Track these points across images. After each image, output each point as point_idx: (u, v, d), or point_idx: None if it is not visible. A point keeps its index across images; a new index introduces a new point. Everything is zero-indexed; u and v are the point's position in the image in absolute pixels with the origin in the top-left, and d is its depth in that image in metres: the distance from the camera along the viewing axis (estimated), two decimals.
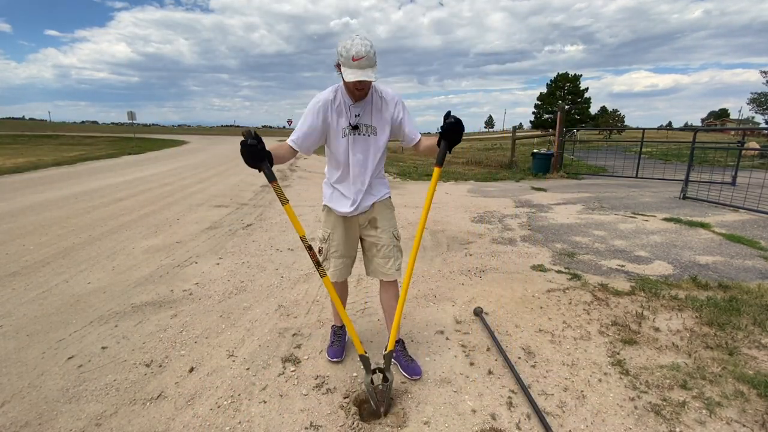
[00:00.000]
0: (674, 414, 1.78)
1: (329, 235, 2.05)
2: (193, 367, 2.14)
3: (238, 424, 1.73)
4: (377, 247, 2.04)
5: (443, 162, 1.78)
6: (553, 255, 4.05)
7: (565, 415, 1.78)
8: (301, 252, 4.10)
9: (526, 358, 2.23)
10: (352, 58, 1.59)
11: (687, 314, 2.71)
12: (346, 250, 2.06)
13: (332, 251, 2.05)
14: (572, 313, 2.76)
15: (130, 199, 6.79)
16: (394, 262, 2.05)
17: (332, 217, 2.03)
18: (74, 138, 30.92)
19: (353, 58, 1.59)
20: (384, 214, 2.03)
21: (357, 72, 1.61)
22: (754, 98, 45.20)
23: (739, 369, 2.08)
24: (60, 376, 2.05)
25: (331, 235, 2.04)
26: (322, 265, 2.00)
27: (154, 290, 3.12)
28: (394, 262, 2.05)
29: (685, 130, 23.90)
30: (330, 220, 2.04)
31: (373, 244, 2.06)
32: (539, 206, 6.55)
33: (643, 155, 11.56)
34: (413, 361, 2.13)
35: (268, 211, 6.07)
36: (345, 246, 2.05)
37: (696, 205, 6.63)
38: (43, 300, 2.93)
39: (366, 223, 2.04)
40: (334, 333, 2.32)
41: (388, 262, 2.04)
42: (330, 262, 2.06)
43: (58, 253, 3.94)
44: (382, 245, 2.03)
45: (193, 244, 4.30)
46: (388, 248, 2.03)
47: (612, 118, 56.80)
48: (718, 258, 3.95)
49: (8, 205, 6.12)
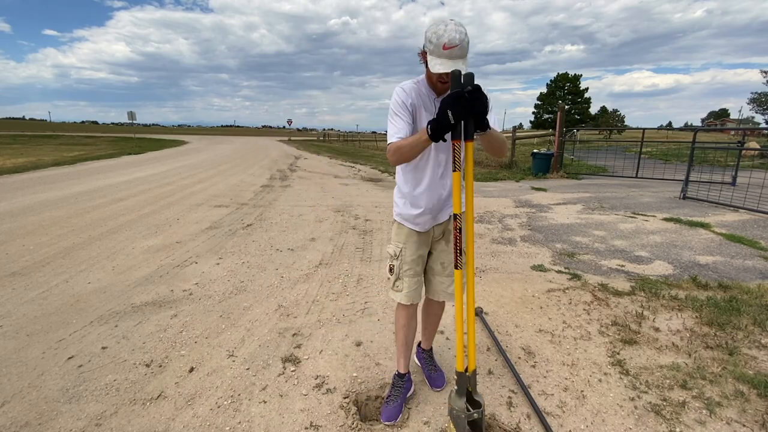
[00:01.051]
0: (674, 414, 1.78)
1: (401, 251, 1.77)
2: (193, 367, 2.14)
3: (238, 424, 1.73)
4: (443, 265, 1.82)
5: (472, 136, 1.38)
6: (553, 255, 4.05)
7: (565, 415, 1.78)
8: (301, 252, 4.10)
9: (526, 358, 2.23)
10: (443, 46, 1.37)
11: (687, 314, 2.71)
12: (420, 267, 1.81)
13: (405, 269, 1.77)
14: (572, 313, 2.76)
15: (130, 199, 6.79)
16: (452, 282, 1.82)
17: (405, 230, 1.77)
18: (74, 138, 30.91)
19: (444, 46, 1.37)
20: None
21: (447, 63, 1.38)
22: (754, 98, 45.22)
23: (739, 369, 2.08)
24: (60, 376, 2.05)
25: (403, 250, 1.77)
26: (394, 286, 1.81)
27: (154, 290, 3.12)
28: (452, 282, 1.82)
29: (685, 130, 23.90)
30: (402, 233, 1.78)
31: (438, 260, 1.83)
32: (539, 206, 6.55)
33: (643, 155, 11.56)
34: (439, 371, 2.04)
35: (268, 211, 6.07)
36: (419, 262, 1.79)
37: (696, 205, 6.63)
38: (43, 300, 2.93)
39: (440, 236, 1.80)
40: (394, 385, 1.89)
41: (451, 285, 1.82)
42: (403, 282, 1.78)
43: (58, 253, 3.94)
44: (450, 262, 1.80)
45: (193, 244, 4.30)
46: (452, 266, 1.79)
47: (612, 117, 56.82)
48: (718, 258, 3.95)
49: (8, 205, 6.12)
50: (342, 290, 3.16)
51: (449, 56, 1.38)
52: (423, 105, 1.59)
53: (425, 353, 2.10)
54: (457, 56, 1.39)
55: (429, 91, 1.60)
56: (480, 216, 5.79)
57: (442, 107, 1.29)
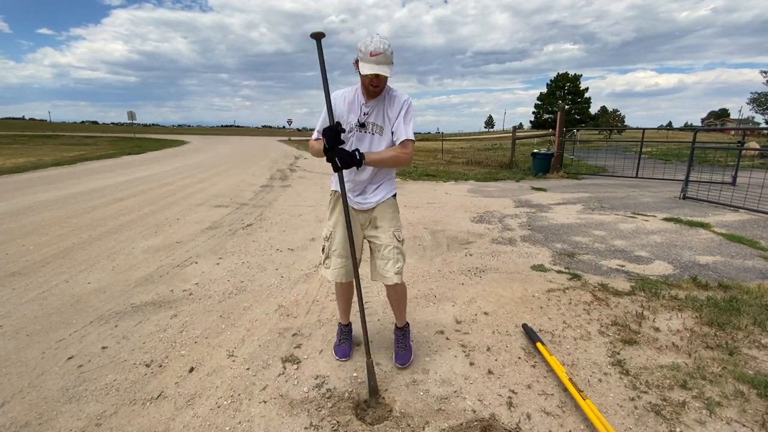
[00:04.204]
0: (674, 414, 1.78)
1: (331, 234, 2.06)
2: (193, 367, 2.14)
3: (238, 424, 1.73)
4: (377, 248, 2.03)
5: None
6: (553, 255, 4.05)
7: (565, 415, 1.78)
8: (301, 252, 4.10)
9: (526, 358, 2.23)
10: (370, 53, 1.68)
11: (687, 314, 2.71)
12: (346, 250, 2.03)
13: (332, 249, 2.05)
14: (572, 313, 2.76)
15: (130, 199, 6.79)
16: (394, 265, 1.99)
17: (335, 215, 2.05)
18: (74, 138, 30.89)
19: (371, 53, 1.68)
20: (385, 213, 2.02)
21: (374, 66, 1.69)
22: (754, 98, 45.20)
23: (739, 369, 2.08)
24: (60, 376, 2.05)
25: (333, 233, 2.05)
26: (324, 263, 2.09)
27: (154, 290, 3.12)
28: (393, 264, 1.99)
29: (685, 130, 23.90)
30: (333, 217, 2.06)
31: (373, 245, 2.06)
32: (539, 206, 6.55)
33: (643, 155, 11.56)
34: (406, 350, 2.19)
35: (268, 211, 6.07)
36: (345, 245, 2.02)
37: (696, 205, 6.63)
38: (43, 300, 2.93)
39: (367, 223, 2.05)
40: (341, 331, 2.30)
41: (387, 264, 2.00)
42: (330, 261, 2.06)
43: (58, 253, 3.94)
44: (381, 245, 2.00)
45: (193, 244, 4.30)
46: (387, 249, 1.99)
47: (612, 117, 56.83)
48: (718, 258, 3.95)
49: (8, 205, 6.12)
50: None
51: (376, 62, 1.69)
52: (349, 107, 1.89)
53: (398, 331, 2.25)
54: (382, 62, 1.70)
55: (360, 96, 1.89)
56: (480, 216, 5.79)
57: (333, 155, 1.70)
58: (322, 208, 6.24)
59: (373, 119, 1.89)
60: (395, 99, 1.90)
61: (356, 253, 1.96)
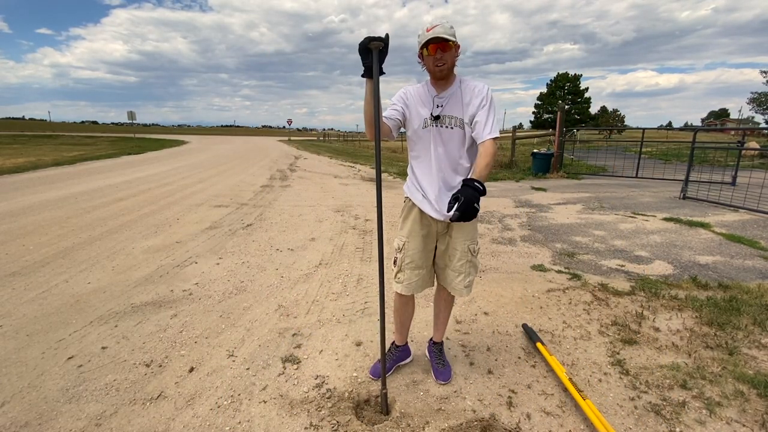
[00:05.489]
0: (674, 414, 1.78)
1: (404, 244, 1.89)
2: (193, 367, 2.14)
3: (238, 424, 1.73)
4: (449, 257, 1.88)
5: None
6: (553, 255, 4.05)
7: (565, 415, 1.78)
8: (301, 252, 4.10)
9: (526, 358, 2.23)
10: (427, 29, 1.65)
11: (687, 314, 2.71)
12: (423, 261, 1.89)
13: (407, 262, 1.88)
14: (572, 313, 2.76)
15: (130, 199, 6.79)
16: (465, 278, 1.87)
17: (408, 225, 1.88)
18: (74, 138, 30.88)
19: (428, 29, 1.65)
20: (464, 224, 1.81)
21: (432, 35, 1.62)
22: (754, 98, 45.17)
23: (739, 369, 2.08)
24: (60, 376, 2.05)
25: (407, 244, 1.88)
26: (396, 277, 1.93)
27: (154, 290, 3.12)
28: (465, 278, 1.87)
29: (685, 129, 23.91)
30: (406, 227, 1.89)
31: (444, 253, 1.90)
32: (539, 206, 6.55)
33: (643, 155, 11.56)
34: (445, 366, 2.08)
35: (268, 211, 6.07)
36: (421, 256, 1.87)
37: (696, 205, 6.63)
38: (43, 300, 2.93)
39: (444, 231, 1.87)
40: (390, 351, 2.13)
41: (458, 277, 1.87)
42: (403, 274, 1.89)
43: (58, 253, 3.94)
44: (454, 256, 1.86)
45: (193, 244, 4.30)
46: (460, 262, 1.86)
47: (612, 117, 56.82)
48: (718, 258, 3.96)
49: (8, 205, 6.12)
50: (342, 290, 3.16)
51: (433, 33, 1.62)
52: (420, 101, 1.80)
53: (435, 347, 2.15)
54: (439, 32, 1.62)
55: (430, 88, 1.79)
56: (480, 216, 5.76)
57: (468, 201, 1.47)
58: (322, 208, 6.24)
59: (449, 111, 1.74)
60: (472, 88, 1.75)
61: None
